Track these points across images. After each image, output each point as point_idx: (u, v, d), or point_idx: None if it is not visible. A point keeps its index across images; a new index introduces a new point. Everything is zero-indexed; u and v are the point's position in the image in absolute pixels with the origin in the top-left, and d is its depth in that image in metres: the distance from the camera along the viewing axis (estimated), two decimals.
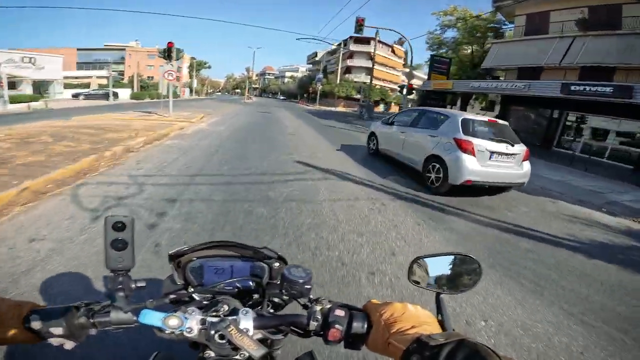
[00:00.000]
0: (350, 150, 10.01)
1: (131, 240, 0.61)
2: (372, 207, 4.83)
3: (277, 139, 10.59)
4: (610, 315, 2.69)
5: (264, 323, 0.63)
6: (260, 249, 0.81)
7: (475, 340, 0.45)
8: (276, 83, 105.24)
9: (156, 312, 0.59)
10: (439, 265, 0.77)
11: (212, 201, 4.19)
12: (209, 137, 9.59)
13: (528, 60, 20.99)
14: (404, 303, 0.61)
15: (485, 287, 2.81)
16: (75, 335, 0.59)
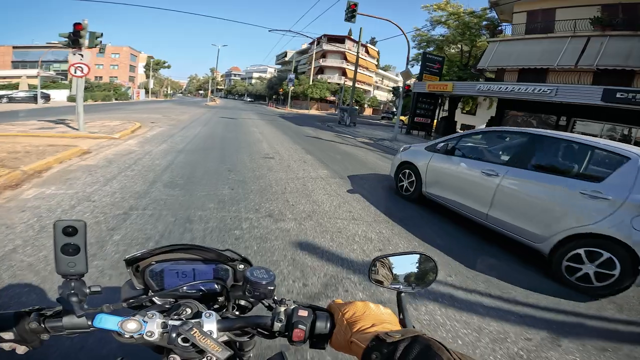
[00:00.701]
0: (370, 190, 6.27)
1: (84, 245, 0.59)
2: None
3: (250, 172, 6.58)
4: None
5: (228, 325, 0.63)
6: (223, 251, 0.77)
7: (429, 336, 0.49)
8: (243, 84, 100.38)
9: (112, 316, 0.57)
10: (398, 265, 0.80)
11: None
12: (120, 176, 5.23)
13: (533, 61, 18.87)
14: (365, 302, 0.63)
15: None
16: (27, 340, 0.58)
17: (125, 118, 14.38)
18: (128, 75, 61.12)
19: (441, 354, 0.44)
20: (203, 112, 25.13)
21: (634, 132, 15.00)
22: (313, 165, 7.81)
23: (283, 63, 78.26)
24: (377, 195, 5.93)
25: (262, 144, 10.21)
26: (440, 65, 22.57)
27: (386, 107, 62.42)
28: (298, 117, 29.37)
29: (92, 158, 6.35)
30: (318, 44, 53.49)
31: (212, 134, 11.49)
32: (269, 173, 6.50)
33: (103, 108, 23.34)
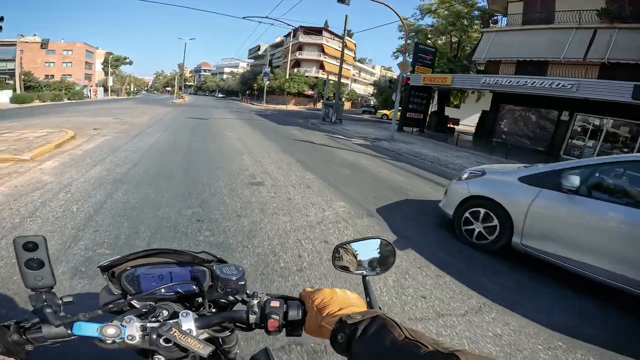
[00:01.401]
0: (421, 239, 4.07)
1: (47, 259, 0.59)
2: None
3: (233, 220, 4.10)
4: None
5: (205, 322, 0.63)
6: (198, 253, 0.77)
7: (387, 315, 0.54)
8: (214, 80, 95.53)
9: (90, 323, 0.58)
10: (360, 251, 0.84)
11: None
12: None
13: (534, 53, 17.60)
14: (332, 289, 0.67)
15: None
16: (12, 352, 0.58)
17: (62, 124, 11.25)
18: (84, 73, 56.21)
19: (393, 331, 0.49)
20: (167, 111, 21.82)
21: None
22: (322, 193, 5.40)
23: (256, 57, 74.47)
24: (436, 248, 3.76)
25: (243, 157, 7.63)
26: (432, 57, 20.77)
27: (363, 100, 60.88)
28: (277, 114, 26.63)
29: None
30: (294, 36, 50.57)
31: (174, 145, 8.67)
32: (264, 219, 4.02)
33: (46, 110, 19.56)
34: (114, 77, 59.60)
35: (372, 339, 0.50)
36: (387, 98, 37.59)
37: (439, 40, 26.01)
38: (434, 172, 8.69)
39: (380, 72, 73.17)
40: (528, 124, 19.15)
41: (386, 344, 0.48)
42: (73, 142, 7.90)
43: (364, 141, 13.94)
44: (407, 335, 0.48)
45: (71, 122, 12.15)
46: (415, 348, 0.45)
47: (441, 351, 0.43)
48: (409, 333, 0.48)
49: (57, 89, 38.51)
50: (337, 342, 0.54)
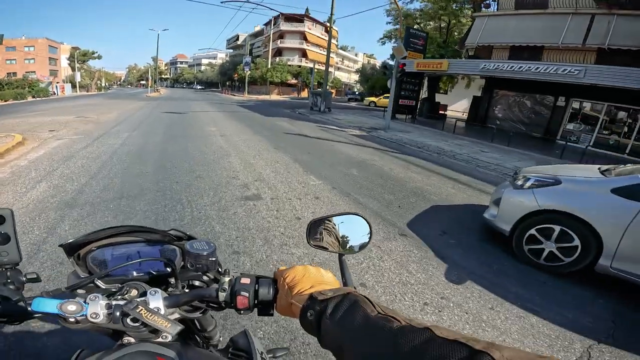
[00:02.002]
0: (478, 268, 3.12)
1: (13, 234, 0.57)
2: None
3: (229, 259, 2.89)
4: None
5: (174, 301, 0.60)
6: (168, 231, 0.73)
7: (359, 293, 0.51)
8: (191, 72, 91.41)
9: (51, 299, 0.54)
10: (335, 227, 0.79)
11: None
12: None
13: (529, 38, 17.10)
14: (305, 266, 0.63)
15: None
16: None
17: (15, 126, 9.59)
18: (48, 69, 52.65)
19: (366, 307, 0.47)
20: (140, 106, 19.95)
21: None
22: (335, 206, 4.30)
23: (235, 47, 71.46)
24: (496, 276, 3.03)
25: (231, 160, 6.36)
26: (424, 42, 19.73)
27: (347, 87, 59.82)
28: (261, 105, 25.07)
29: None
30: (275, 24, 48.38)
31: (145, 147, 7.22)
32: (273, 256, 2.88)
33: (3, 110, 17.42)
34: (83, 73, 56.01)
35: (343, 316, 0.47)
36: (374, 85, 36.49)
37: (428, 26, 24.92)
38: (446, 166, 7.74)
39: (363, 59, 71.83)
40: (523, 110, 18.64)
41: (357, 321, 0.45)
42: (19, 150, 6.43)
43: (359, 131, 12.84)
44: (380, 311, 0.46)
45: (26, 123, 10.47)
46: (388, 323, 0.43)
47: (414, 326, 0.41)
48: (381, 309, 0.46)
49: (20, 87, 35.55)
50: (306, 319, 0.51)
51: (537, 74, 13.75)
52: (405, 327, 0.41)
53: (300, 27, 49.23)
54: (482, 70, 15.30)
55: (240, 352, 0.77)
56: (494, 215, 3.59)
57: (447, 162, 8.24)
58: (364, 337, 0.44)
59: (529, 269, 3.15)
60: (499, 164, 8.70)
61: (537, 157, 10.34)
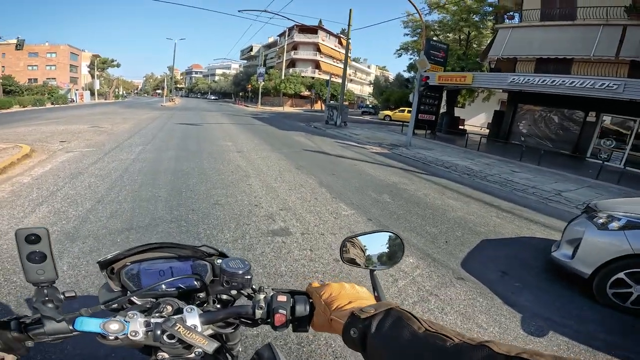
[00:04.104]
0: (556, 316, 2.61)
1: (49, 252, 0.57)
2: None
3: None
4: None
5: (210, 318, 0.61)
6: (199, 247, 0.75)
7: (401, 307, 0.50)
8: (205, 82, 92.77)
9: (93, 319, 0.56)
10: (368, 244, 0.80)
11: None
12: None
13: (557, 50, 16.41)
14: (340, 283, 0.64)
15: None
16: (13, 348, 0.57)
17: (26, 135, 9.30)
18: (69, 76, 53.63)
19: (411, 324, 0.45)
20: (155, 116, 19.81)
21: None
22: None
23: (249, 58, 72.38)
24: (581, 324, 2.71)
25: (251, 182, 5.79)
26: (444, 54, 19.13)
27: (360, 100, 59.59)
28: (275, 118, 24.77)
29: None
30: (289, 35, 48.78)
31: (159, 164, 6.69)
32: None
33: (20, 117, 17.45)
34: (102, 80, 57.09)
35: (389, 333, 0.46)
36: (389, 98, 36.03)
37: (447, 38, 24.43)
38: (481, 190, 7.08)
39: (375, 71, 71.78)
40: (550, 125, 17.83)
41: (405, 338, 0.44)
42: (25, 163, 6.01)
43: (380, 149, 12.23)
44: (428, 328, 0.44)
45: (38, 131, 10.20)
46: (439, 340, 0.41)
47: (469, 343, 0.39)
48: (428, 325, 0.45)
49: (39, 93, 36.20)
50: (349, 337, 0.51)
51: (570, 88, 13.02)
52: (460, 345, 0.39)
53: (314, 39, 49.48)
54: (510, 84, 14.63)
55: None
56: (567, 255, 3.25)
57: (480, 185, 7.57)
58: (413, 355, 0.42)
59: (612, 313, 2.87)
60: (536, 186, 8.00)
61: (572, 178, 9.59)
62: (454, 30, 23.61)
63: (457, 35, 24.45)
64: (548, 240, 4.30)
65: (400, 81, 37.46)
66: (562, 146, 16.78)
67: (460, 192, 6.70)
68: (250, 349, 1.91)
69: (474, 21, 21.78)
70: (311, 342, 2.09)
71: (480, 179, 8.22)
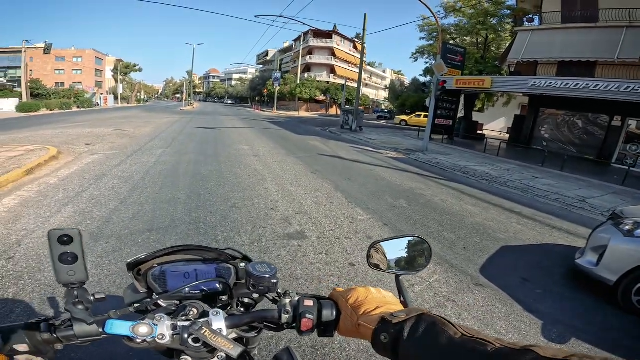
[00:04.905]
0: (578, 322, 2.50)
1: (81, 253, 0.56)
2: None
3: None
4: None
5: (236, 322, 0.61)
6: (224, 250, 0.76)
7: (433, 313, 0.48)
8: (222, 86, 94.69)
9: (123, 322, 0.55)
10: (395, 249, 0.79)
11: None
12: None
13: (579, 53, 15.85)
14: (366, 287, 0.63)
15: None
16: (42, 351, 0.56)
17: (53, 137, 9.72)
18: (94, 80, 55.30)
19: (447, 329, 0.44)
20: (175, 120, 20.35)
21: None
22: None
23: (265, 62, 73.42)
24: (605, 331, 2.67)
25: (267, 186, 5.87)
26: (462, 58, 18.89)
27: (375, 105, 59.28)
28: (290, 122, 24.98)
29: None
30: (304, 40, 49.23)
31: (178, 167, 6.89)
32: None
33: (47, 120, 18.28)
34: (124, 85, 58.89)
35: (423, 338, 0.45)
36: (404, 103, 35.74)
37: (464, 41, 24.08)
38: (501, 196, 6.90)
39: (391, 75, 71.42)
40: (573, 130, 17.26)
41: (442, 343, 0.42)
42: (52, 165, 6.28)
43: (396, 154, 12.13)
44: (464, 333, 0.43)
45: (65, 134, 10.65)
46: (479, 346, 0.40)
47: (511, 347, 0.37)
48: (465, 330, 0.43)
49: (66, 97, 37.63)
50: (379, 342, 0.49)
51: (594, 92, 12.57)
52: (502, 349, 0.38)
53: (329, 43, 49.74)
54: (531, 88, 14.24)
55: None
56: (592, 263, 3.22)
57: (500, 191, 7.38)
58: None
59: (637, 320, 2.81)
60: (559, 192, 7.74)
61: (597, 184, 9.23)
62: (471, 34, 23.26)
63: (474, 39, 24.08)
64: (571, 247, 4.16)
65: (417, 85, 37.11)
66: (586, 151, 16.23)
67: (479, 198, 6.56)
68: (265, 351, 1.92)
69: (491, 24, 21.38)
70: (325, 346, 2.09)
71: (499, 185, 8.03)
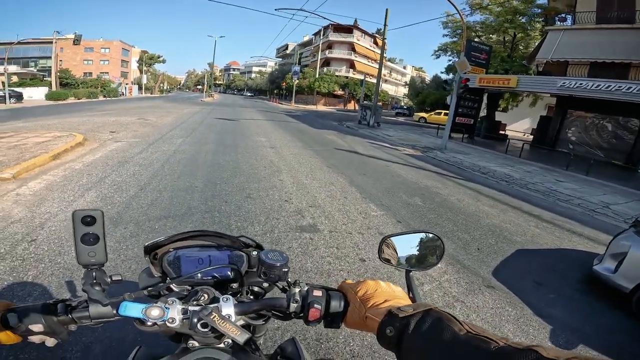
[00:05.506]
0: (589, 330, 2.58)
1: (102, 234, 0.57)
2: None
3: None
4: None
5: (245, 309, 0.62)
6: (238, 238, 0.77)
7: (440, 309, 0.48)
8: (242, 79, 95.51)
9: (136, 304, 0.56)
10: (407, 244, 0.78)
11: None
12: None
13: (614, 54, 14.92)
14: (376, 280, 0.63)
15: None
16: (56, 332, 0.57)
17: (79, 125, 10.11)
18: (120, 71, 56.95)
19: (452, 325, 0.44)
20: (195, 110, 20.73)
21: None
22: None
23: (284, 56, 73.51)
24: (616, 338, 2.57)
25: (282, 178, 5.93)
26: (487, 56, 18.30)
27: (394, 101, 58.42)
28: (308, 116, 24.99)
29: None
30: (324, 34, 48.89)
31: (197, 157, 7.05)
32: None
33: (75, 108, 19.01)
34: (149, 75, 60.33)
35: (428, 333, 0.45)
36: (424, 100, 35.05)
37: (490, 39, 23.31)
38: (520, 198, 6.69)
39: (412, 72, 70.07)
40: (602, 133, 16.51)
41: (446, 339, 0.42)
42: (78, 151, 6.54)
43: (413, 151, 11.96)
44: (469, 330, 0.43)
45: (91, 122, 11.05)
46: (483, 343, 0.40)
47: (515, 346, 0.37)
48: (470, 327, 0.43)
49: (93, 87, 38.96)
50: (384, 335, 0.49)
51: (627, 94, 11.95)
52: (506, 348, 0.37)
53: (349, 38, 49.21)
54: (560, 88, 13.67)
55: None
56: (609, 269, 3.15)
57: (520, 194, 7.17)
58: (455, 357, 0.41)
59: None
60: (582, 197, 7.44)
61: (622, 190, 8.82)
62: (497, 32, 22.48)
63: (501, 37, 23.26)
64: (590, 253, 4.02)
65: (438, 83, 36.29)
66: (614, 156, 15.52)
67: (497, 199, 6.40)
68: (270, 341, 1.94)
69: (520, 22, 20.58)
70: (330, 339, 2.09)
71: (519, 187, 7.79)
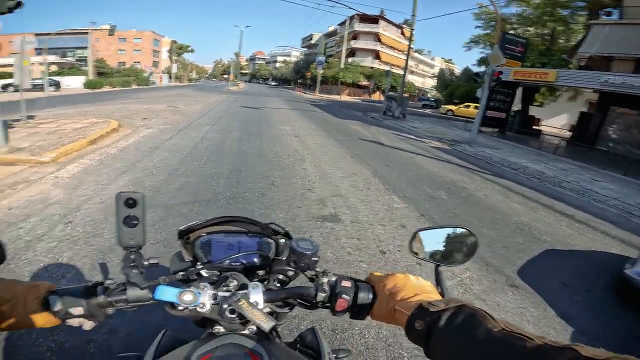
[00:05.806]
0: (616, 337, 1.98)
1: (142, 217, 0.57)
2: None
3: None
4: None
5: (272, 296, 0.62)
6: (268, 225, 0.77)
7: (474, 306, 0.47)
8: (267, 68, 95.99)
9: (171, 288, 0.56)
10: (439, 238, 0.76)
11: None
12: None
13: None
14: (405, 274, 0.62)
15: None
16: (94, 315, 0.57)
17: (114, 112, 10.57)
18: (152, 60, 58.99)
19: (486, 322, 0.43)
20: (222, 99, 21.11)
21: None
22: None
23: (309, 46, 73.05)
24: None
25: (306, 167, 5.96)
26: (523, 49, 17.32)
27: (420, 93, 56.84)
28: (332, 106, 24.84)
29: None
30: (349, 25, 48.04)
31: (223, 143, 7.23)
32: None
33: (110, 96, 19.86)
34: (178, 65, 62.00)
35: (460, 328, 0.44)
36: (453, 92, 33.91)
37: (527, 32, 22.07)
38: (553, 196, 6.38)
39: (440, 64, 67.69)
40: None
41: (480, 335, 0.42)
42: (113, 136, 6.86)
43: (440, 144, 11.64)
44: (504, 327, 0.42)
45: (125, 109, 11.54)
46: (519, 341, 0.39)
47: (552, 345, 0.36)
48: (505, 325, 0.42)
49: (127, 75, 40.61)
50: (413, 329, 0.49)
51: None
52: (543, 346, 0.36)
53: (375, 29, 48.09)
54: (603, 84, 12.78)
55: (308, 350, 0.75)
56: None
57: (552, 192, 6.83)
58: (489, 354, 0.40)
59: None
60: (619, 198, 6.99)
61: None
62: (535, 24, 21.21)
63: (539, 30, 21.95)
64: (623, 256, 3.80)
65: (468, 75, 34.91)
66: None
67: (527, 196, 6.14)
68: (286, 329, 1.96)
69: (561, 16, 19.31)
70: (345, 330, 2.08)
71: (552, 185, 7.43)
